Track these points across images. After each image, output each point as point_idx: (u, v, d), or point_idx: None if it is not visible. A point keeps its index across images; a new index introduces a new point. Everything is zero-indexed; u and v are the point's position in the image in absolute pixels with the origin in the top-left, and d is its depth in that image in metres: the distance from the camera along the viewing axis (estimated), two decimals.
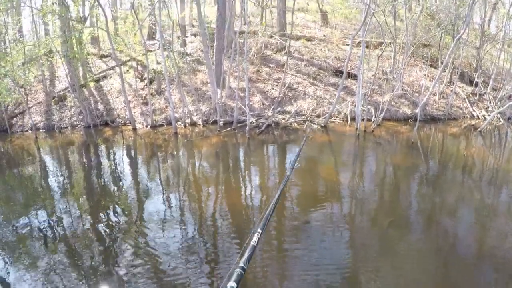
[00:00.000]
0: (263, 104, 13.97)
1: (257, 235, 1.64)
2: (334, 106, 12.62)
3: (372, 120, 12.57)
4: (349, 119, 13.21)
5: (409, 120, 13.27)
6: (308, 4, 22.50)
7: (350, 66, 15.21)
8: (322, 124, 12.65)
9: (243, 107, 12.77)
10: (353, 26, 21.31)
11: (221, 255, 5.26)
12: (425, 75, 16.17)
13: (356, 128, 11.76)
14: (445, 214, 6.59)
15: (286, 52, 15.71)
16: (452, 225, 6.18)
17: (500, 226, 6.02)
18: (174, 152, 11.12)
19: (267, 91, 14.64)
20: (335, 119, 13.29)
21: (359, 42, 14.34)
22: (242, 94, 13.03)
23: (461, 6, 15.64)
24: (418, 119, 10.89)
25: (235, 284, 1.37)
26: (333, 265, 4.90)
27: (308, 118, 13.08)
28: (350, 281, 4.67)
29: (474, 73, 16.31)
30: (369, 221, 6.37)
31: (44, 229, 6.16)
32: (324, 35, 19.04)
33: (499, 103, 14.90)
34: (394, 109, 13.58)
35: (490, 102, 15.20)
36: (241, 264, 1.45)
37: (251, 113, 12.31)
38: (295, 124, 12.83)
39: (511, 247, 5.27)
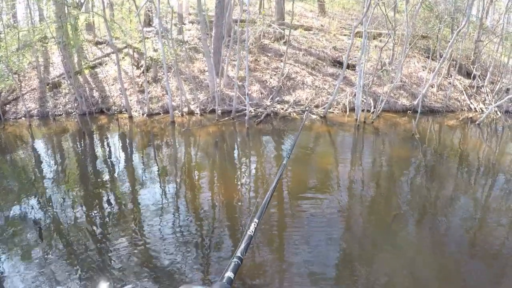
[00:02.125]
0: (261, 94, 13.85)
1: (254, 224, 1.59)
2: (333, 96, 12.54)
3: (372, 111, 12.52)
4: (348, 110, 13.15)
5: (408, 111, 13.27)
6: None
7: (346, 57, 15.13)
8: (322, 115, 12.58)
9: (241, 96, 12.65)
10: (350, 16, 21.23)
11: (217, 244, 5.19)
12: (423, 66, 16.17)
13: (356, 119, 11.71)
14: (446, 208, 6.55)
15: (285, 42, 15.55)
16: (455, 220, 6.12)
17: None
18: (172, 141, 10.99)
19: (266, 81, 14.51)
20: (334, 110, 13.23)
21: (357, 33, 14.23)
22: (240, 83, 12.89)
23: None
24: (419, 111, 10.85)
25: (233, 275, 1.32)
26: (327, 256, 4.87)
27: (307, 108, 12.99)
28: (344, 273, 4.64)
29: (471, 66, 16.32)
30: (367, 213, 6.33)
31: (35, 217, 6.03)
32: (322, 25, 18.89)
33: (496, 96, 14.96)
34: (393, 101, 13.54)
35: (487, 95, 15.25)
36: (238, 254, 1.41)
37: (250, 102, 12.17)
38: (294, 114, 12.74)
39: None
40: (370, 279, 4.50)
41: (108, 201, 6.85)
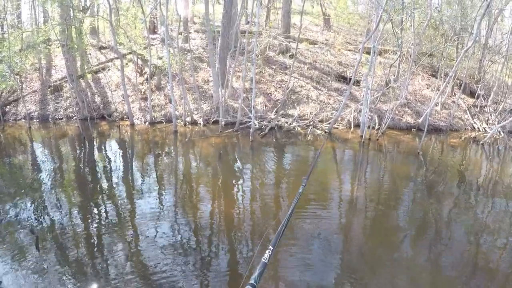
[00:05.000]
0: (265, 106, 13.76)
1: (268, 251, 1.55)
2: (339, 112, 12.44)
3: (376, 128, 12.43)
4: (352, 126, 13.04)
5: (412, 129, 13.19)
6: (313, 7, 22.37)
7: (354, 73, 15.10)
8: (326, 130, 12.45)
9: (245, 108, 12.52)
10: (355, 31, 21.27)
11: (213, 259, 5.05)
12: (427, 84, 16.15)
13: (361, 136, 11.60)
14: (447, 227, 6.50)
15: (291, 55, 15.50)
16: (454, 239, 6.02)
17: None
18: (174, 151, 10.83)
19: (270, 93, 14.42)
20: (338, 125, 13.13)
21: (360, 49, 14.19)
22: (244, 95, 12.77)
23: (465, 16, 15.70)
24: (425, 130, 10.79)
25: None
26: (324, 273, 4.81)
27: (311, 123, 12.87)
28: None
29: (475, 85, 16.33)
30: (368, 231, 6.29)
31: (31, 225, 5.87)
32: (327, 39, 18.88)
33: (499, 116, 14.95)
34: (397, 118, 13.46)
35: (490, 114, 15.22)
36: (252, 281, 1.36)
37: (254, 115, 12.06)
38: (299, 129, 12.61)
39: None
40: None
41: (105, 209, 6.70)
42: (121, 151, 10.92)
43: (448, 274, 4.98)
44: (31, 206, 6.68)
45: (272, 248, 1.58)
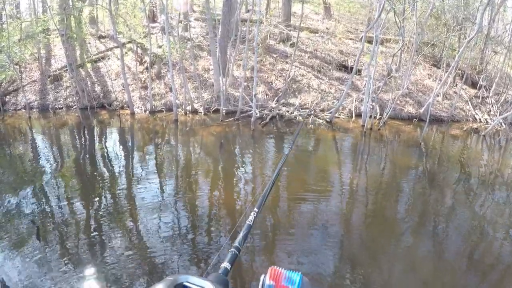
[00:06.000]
0: (266, 95, 13.68)
1: (253, 214, 1.50)
2: (340, 102, 12.38)
3: (377, 118, 12.38)
4: (353, 115, 12.98)
5: (414, 119, 13.13)
6: None
7: (354, 61, 15.00)
8: (328, 119, 12.40)
9: (246, 97, 12.45)
10: (356, 20, 21.10)
11: (214, 242, 5.14)
12: (428, 74, 16.06)
13: (363, 126, 11.56)
14: (448, 218, 6.51)
15: (292, 44, 15.39)
16: (455, 230, 6.04)
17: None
18: (175, 141, 10.79)
19: (271, 82, 14.33)
20: (339, 115, 13.05)
21: (362, 38, 14.09)
22: (245, 83, 12.69)
23: (468, 6, 15.57)
24: (427, 121, 10.75)
25: (229, 265, 1.24)
26: (323, 262, 4.82)
27: (313, 112, 12.81)
28: (340, 280, 4.59)
29: (477, 76, 16.23)
30: (367, 220, 6.29)
31: (32, 214, 5.85)
32: (327, 28, 18.74)
33: (501, 107, 14.88)
34: (399, 108, 13.39)
35: (492, 105, 15.15)
36: (236, 244, 1.34)
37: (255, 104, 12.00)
38: (300, 117, 12.54)
39: None
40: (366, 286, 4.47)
41: (105, 198, 6.72)
42: (122, 140, 10.88)
43: (449, 263, 4.99)
44: (31, 195, 6.66)
45: (257, 210, 1.54)
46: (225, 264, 1.23)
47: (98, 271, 4.38)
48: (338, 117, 12.92)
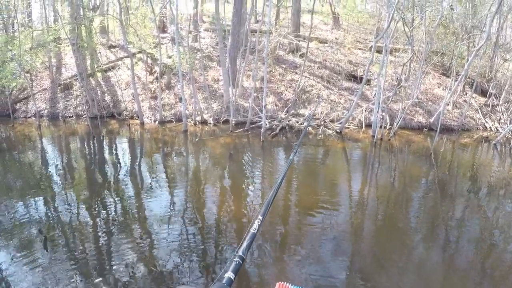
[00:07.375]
0: (276, 106, 13.67)
1: (258, 221, 1.50)
2: (350, 112, 12.34)
3: (387, 128, 12.31)
4: (363, 125, 12.92)
5: (424, 129, 13.04)
6: (322, 6, 22.24)
7: (363, 71, 14.98)
8: (338, 130, 12.35)
9: (255, 107, 12.45)
10: (365, 30, 21.10)
11: (221, 252, 5.17)
12: (438, 83, 15.98)
13: (373, 136, 11.50)
14: (458, 228, 6.44)
15: (301, 54, 15.41)
16: (465, 241, 5.95)
17: None
18: (184, 151, 10.78)
19: (281, 92, 14.34)
20: (349, 125, 13.00)
21: (371, 47, 14.07)
22: (255, 94, 12.69)
23: (476, 14, 15.50)
24: (438, 131, 10.67)
25: (233, 275, 1.23)
26: (333, 271, 4.83)
27: (322, 123, 12.77)
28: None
29: (486, 84, 16.13)
30: (377, 230, 6.23)
31: (39, 223, 5.86)
32: (336, 38, 18.75)
33: (511, 115, 14.75)
34: (409, 118, 13.31)
35: (502, 113, 15.02)
36: (240, 253, 1.33)
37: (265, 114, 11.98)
38: (310, 128, 12.50)
39: None
40: None
41: (114, 207, 6.72)
42: (131, 150, 10.92)
43: (460, 275, 4.94)
44: (39, 203, 6.71)
45: (261, 218, 1.53)
46: (229, 274, 1.22)
47: (105, 280, 4.38)
48: (348, 128, 12.86)
